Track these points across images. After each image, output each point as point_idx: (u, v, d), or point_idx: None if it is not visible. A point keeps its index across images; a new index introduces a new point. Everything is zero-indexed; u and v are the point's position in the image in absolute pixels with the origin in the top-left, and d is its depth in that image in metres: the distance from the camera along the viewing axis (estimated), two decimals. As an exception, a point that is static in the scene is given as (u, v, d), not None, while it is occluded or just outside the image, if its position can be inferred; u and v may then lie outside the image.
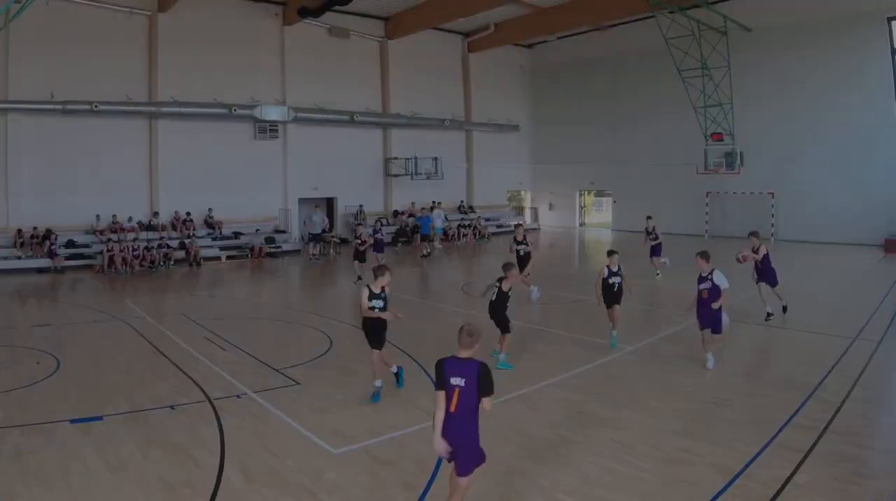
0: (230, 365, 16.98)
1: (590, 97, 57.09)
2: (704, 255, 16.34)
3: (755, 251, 21.62)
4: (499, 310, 16.70)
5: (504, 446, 11.62)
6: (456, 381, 8.75)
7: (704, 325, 16.16)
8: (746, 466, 10.74)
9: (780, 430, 12.26)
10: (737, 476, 10.38)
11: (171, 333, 20.76)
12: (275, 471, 10.82)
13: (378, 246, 32.57)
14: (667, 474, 10.55)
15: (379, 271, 14.61)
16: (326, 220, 43.06)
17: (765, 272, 22.23)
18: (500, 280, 16.76)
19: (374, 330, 14.55)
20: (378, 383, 14.35)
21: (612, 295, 18.32)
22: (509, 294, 16.69)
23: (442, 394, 8.78)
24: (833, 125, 43.41)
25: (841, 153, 43.35)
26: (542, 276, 32.18)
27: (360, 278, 29.91)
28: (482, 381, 8.63)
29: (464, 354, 8.94)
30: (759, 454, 11.20)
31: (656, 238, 32.04)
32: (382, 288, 14.42)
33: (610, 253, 18.59)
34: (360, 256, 30.80)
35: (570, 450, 11.51)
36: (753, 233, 22.66)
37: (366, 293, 14.21)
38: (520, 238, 26.17)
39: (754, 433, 12.09)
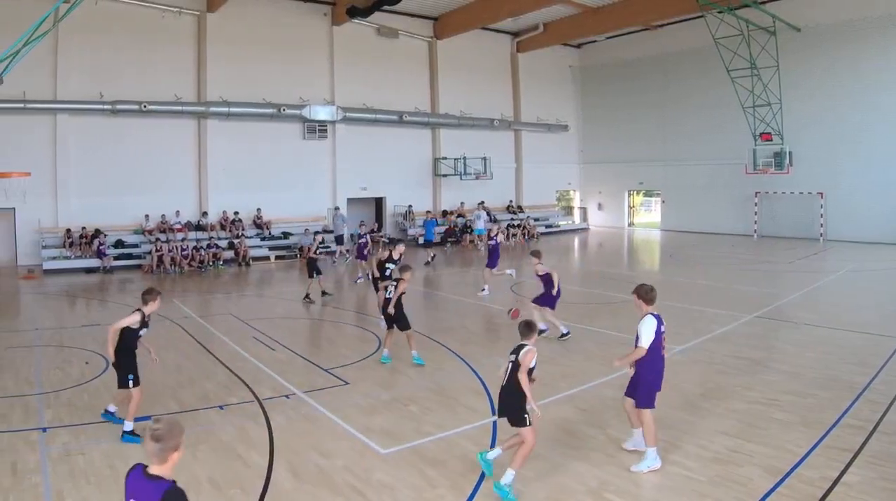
0: (279, 365, 17.08)
1: (639, 97, 56.87)
2: (638, 292, 12.25)
3: (537, 274, 20.84)
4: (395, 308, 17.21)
5: (553, 446, 11.64)
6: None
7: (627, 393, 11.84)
8: (795, 466, 10.69)
9: (829, 430, 12.18)
10: (786, 476, 10.34)
11: (220, 333, 20.92)
12: (323, 471, 10.83)
13: (360, 252, 32.13)
14: (715, 474, 10.49)
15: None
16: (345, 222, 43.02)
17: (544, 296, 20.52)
18: (397, 281, 17.71)
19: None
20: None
21: None
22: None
23: None
24: (883, 124, 42.95)
25: (891, 152, 42.88)
26: (592, 276, 32.19)
27: (308, 296, 26.84)
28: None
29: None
30: (808, 454, 11.14)
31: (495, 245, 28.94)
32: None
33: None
34: (312, 267, 27.35)
35: (619, 450, 11.47)
36: (534, 254, 21.54)
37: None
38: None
39: (803, 433, 12.05)
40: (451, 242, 47.46)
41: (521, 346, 10.81)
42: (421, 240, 43.13)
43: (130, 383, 12.32)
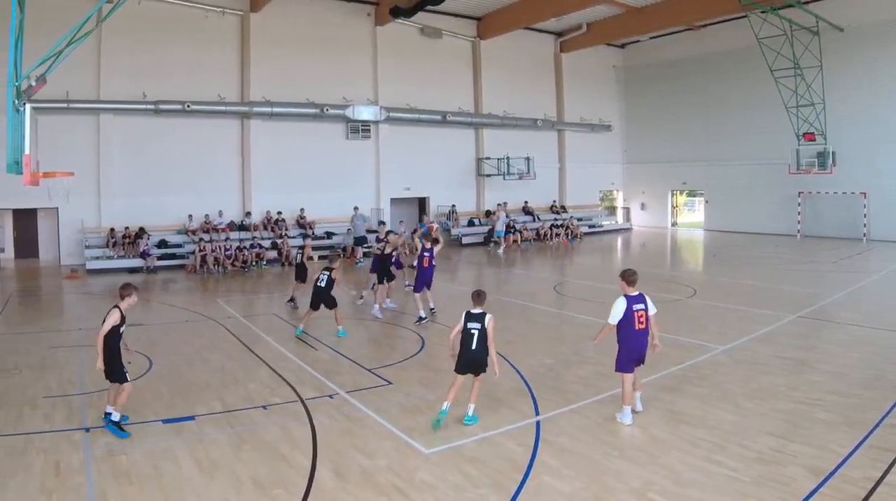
0: (322, 365, 17.11)
1: (682, 96, 56.64)
2: (623, 276, 14.09)
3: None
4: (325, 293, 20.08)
5: (596, 446, 11.62)
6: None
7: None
8: (839, 466, 10.60)
9: (872, 430, 12.08)
10: (829, 476, 10.26)
11: (263, 333, 20.99)
12: (366, 471, 10.82)
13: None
14: (759, 474, 10.41)
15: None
16: (367, 223, 42.76)
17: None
18: (329, 269, 19.76)
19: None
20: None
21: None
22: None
23: None
24: (927, 124, 42.60)
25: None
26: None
27: (292, 299, 25.74)
28: None
29: None
30: (851, 454, 11.05)
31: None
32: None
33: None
34: (300, 274, 25.99)
35: (662, 450, 11.41)
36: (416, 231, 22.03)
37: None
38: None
39: (846, 433, 11.94)
40: (494, 242, 47.12)
41: (482, 314, 13.32)
42: (465, 241, 42.93)
43: (127, 377, 12.55)
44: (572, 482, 10.21)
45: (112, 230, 36.87)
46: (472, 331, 13.10)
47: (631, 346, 13.29)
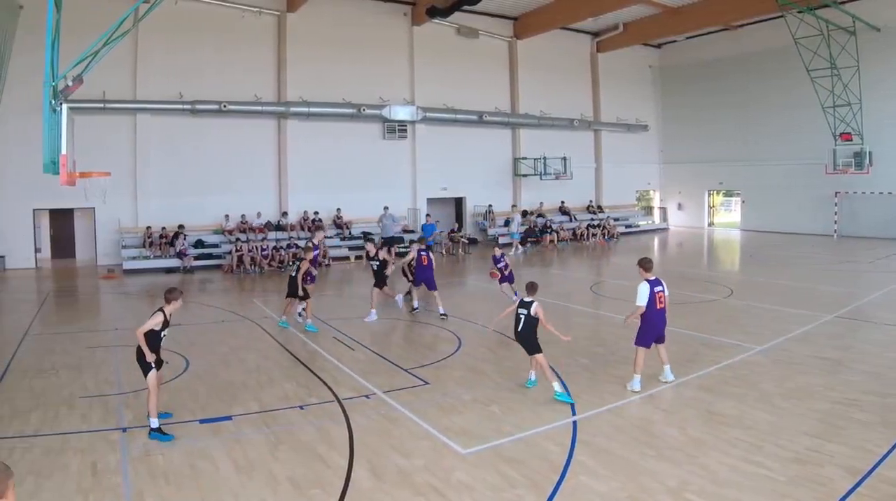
0: (359, 365, 17.12)
1: (719, 97, 56.35)
2: (641, 263, 15.80)
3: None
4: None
5: (633, 446, 11.58)
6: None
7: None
8: (875, 466, 10.53)
9: (909, 431, 11.97)
10: (866, 476, 10.18)
11: (300, 333, 21.04)
12: (403, 471, 10.80)
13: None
14: (795, 474, 10.34)
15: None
16: (399, 223, 42.80)
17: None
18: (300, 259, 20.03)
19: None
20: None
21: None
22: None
23: None
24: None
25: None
26: (672, 276, 32.03)
27: (302, 312, 22.93)
28: None
29: None
30: (888, 454, 10.97)
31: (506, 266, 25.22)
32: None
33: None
34: (293, 288, 22.38)
35: (699, 450, 11.34)
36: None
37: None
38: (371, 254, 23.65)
39: (883, 433, 11.85)
40: (531, 242, 47.12)
41: (531, 302, 14.86)
42: (502, 241, 42.83)
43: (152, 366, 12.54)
44: (609, 482, 10.17)
45: (148, 230, 37.07)
46: (521, 316, 14.78)
47: (653, 323, 14.96)
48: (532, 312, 14.62)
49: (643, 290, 14.99)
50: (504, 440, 12.04)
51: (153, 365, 12.46)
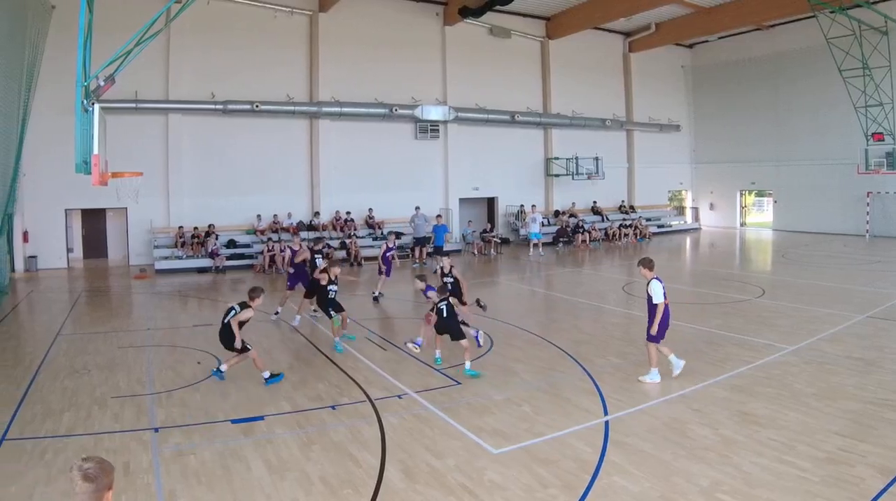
0: (391, 365, 17.14)
1: (751, 96, 56.24)
2: (645, 263, 16.17)
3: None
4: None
5: (664, 446, 11.56)
6: None
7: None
8: (908, 466, 10.43)
9: (942, 431, 11.89)
10: (898, 477, 10.11)
11: (332, 333, 20.91)
12: (435, 471, 10.80)
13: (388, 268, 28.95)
14: (827, 474, 10.31)
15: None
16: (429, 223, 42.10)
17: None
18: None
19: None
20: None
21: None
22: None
23: None
24: None
25: None
26: (704, 276, 32.01)
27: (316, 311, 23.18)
28: None
29: None
30: (921, 454, 10.85)
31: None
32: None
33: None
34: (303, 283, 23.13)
35: (731, 450, 11.30)
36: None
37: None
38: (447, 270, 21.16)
39: (916, 433, 11.76)
40: (563, 242, 47.09)
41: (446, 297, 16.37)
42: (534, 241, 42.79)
43: (248, 346, 15.55)
44: (641, 482, 10.15)
45: (180, 230, 37.24)
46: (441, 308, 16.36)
47: (666, 318, 15.42)
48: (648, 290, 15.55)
49: (659, 287, 15.36)
50: (536, 440, 12.02)
51: (248, 347, 15.53)
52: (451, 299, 16.56)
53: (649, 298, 15.43)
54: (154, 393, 14.97)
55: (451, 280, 19.62)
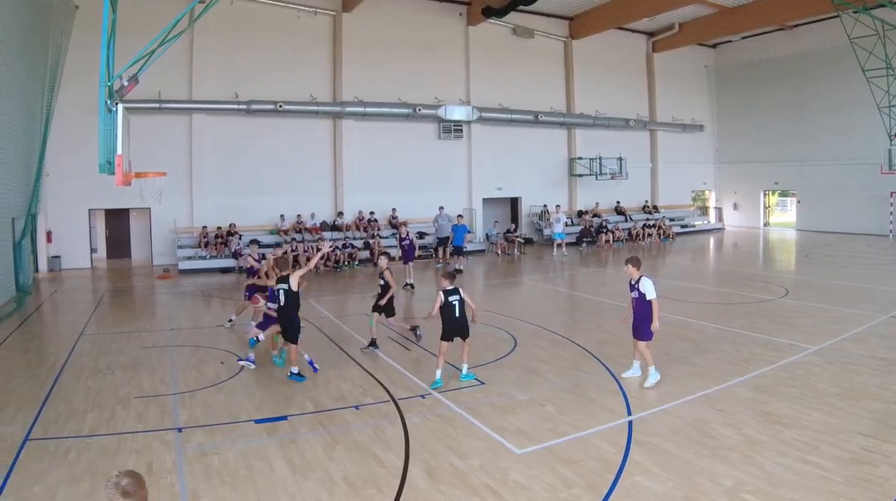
0: (414, 365, 17.13)
1: (774, 96, 56.12)
2: (634, 262, 15.87)
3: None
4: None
5: (688, 446, 11.53)
6: None
7: (634, 335, 15.60)
8: (932, 466, 10.40)
9: (967, 430, 11.85)
10: (922, 477, 10.07)
11: (356, 333, 21.08)
12: (459, 471, 10.79)
13: (409, 254, 31.32)
14: (851, 474, 10.27)
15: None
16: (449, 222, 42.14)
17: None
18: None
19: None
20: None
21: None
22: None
23: None
24: None
25: None
26: (727, 276, 31.94)
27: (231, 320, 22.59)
28: None
29: None
30: (944, 454, 10.82)
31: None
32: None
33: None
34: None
35: (755, 450, 11.27)
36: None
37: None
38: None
39: (941, 433, 11.72)
40: (587, 242, 47.05)
41: (456, 289, 15.68)
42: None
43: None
44: (664, 482, 10.14)
45: (204, 229, 37.39)
46: (453, 303, 15.55)
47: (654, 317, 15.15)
48: (464, 296, 15.66)
49: (652, 285, 15.33)
50: (559, 440, 12.00)
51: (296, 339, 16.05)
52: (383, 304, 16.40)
53: (641, 296, 15.27)
54: (177, 393, 15.02)
55: (382, 282, 19.17)
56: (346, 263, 37.50)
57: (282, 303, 16.12)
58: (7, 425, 12.96)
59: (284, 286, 16.12)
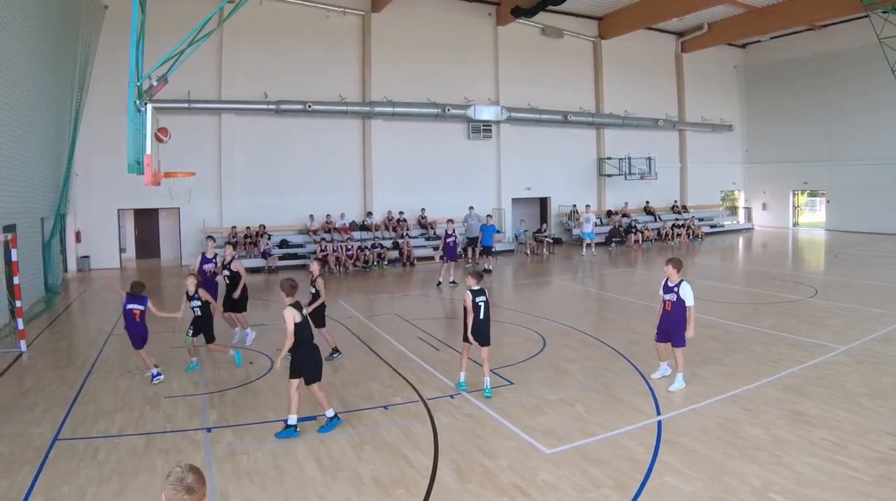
0: (443, 365, 17.09)
1: (803, 96, 55.91)
2: (675, 264, 15.47)
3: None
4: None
5: (717, 446, 11.53)
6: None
7: (661, 338, 15.44)
8: (960, 466, 10.35)
9: None
10: (951, 476, 10.01)
11: (384, 333, 21.15)
12: (488, 471, 10.79)
13: (450, 253, 31.65)
14: (880, 473, 10.24)
15: None
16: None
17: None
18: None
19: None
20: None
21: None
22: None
23: None
24: None
25: None
26: (756, 276, 31.83)
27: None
28: None
29: None
30: (973, 453, 10.76)
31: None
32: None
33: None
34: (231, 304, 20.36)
35: (784, 450, 11.25)
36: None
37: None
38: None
39: (969, 433, 11.66)
40: (616, 242, 47.01)
41: (483, 290, 14.96)
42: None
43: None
44: (693, 482, 10.14)
45: (233, 229, 37.48)
46: (480, 304, 14.83)
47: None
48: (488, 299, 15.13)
49: (690, 289, 15.10)
50: (589, 440, 12.00)
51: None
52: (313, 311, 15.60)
53: (680, 301, 14.96)
54: (206, 393, 15.14)
55: (313, 291, 18.58)
56: (375, 263, 37.55)
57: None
58: (36, 425, 13.08)
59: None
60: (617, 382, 15.28)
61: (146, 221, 41.60)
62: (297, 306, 13.20)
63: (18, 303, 19.82)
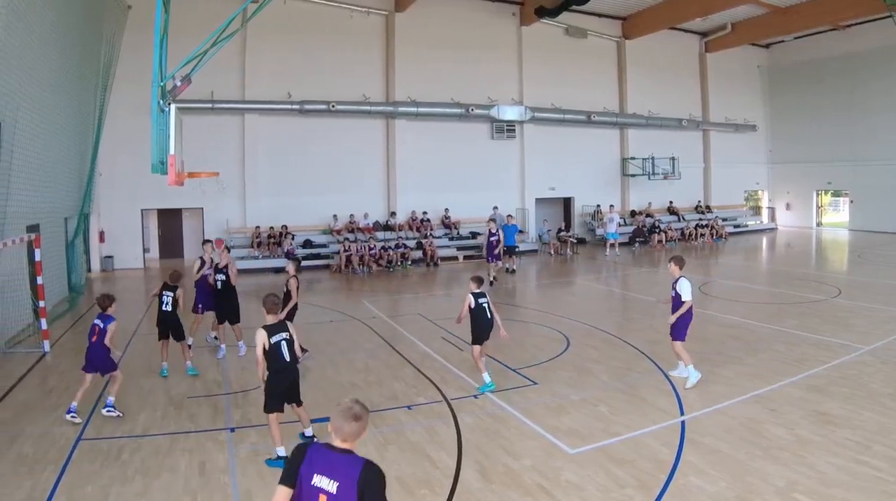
0: (467, 365, 17.00)
1: (827, 96, 55.64)
2: (677, 261, 15.97)
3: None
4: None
5: (740, 446, 11.53)
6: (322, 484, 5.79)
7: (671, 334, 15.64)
8: None
9: None
10: (974, 476, 9.97)
11: (408, 333, 21.18)
12: (512, 471, 10.80)
13: (491, 251, 31.79)
14: (904, 473, 10.17)
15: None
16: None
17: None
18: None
19: None
20: None
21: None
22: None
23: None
24: None
25: None
26: (780, 276, 31.71)
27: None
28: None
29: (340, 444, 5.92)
30: None
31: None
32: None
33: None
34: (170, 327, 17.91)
35: (807, 450, 11.25)
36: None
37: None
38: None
39: None
40: (640, 242, 46.94)
41: (483, 293, 15.53)
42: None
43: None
44: (717, 482, 10.15)
45: (257, 229, 37.61)
46: (483, 305, 15.45)
47: (691, 317, 15.44)
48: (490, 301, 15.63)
49: (688, 285, 15.44)
50: (612, 440, 12.02)
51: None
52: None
53: (677, 295, 15.35)
54: (230, 393, 15.23)
55: (285, 291, 18.51)
56: (399, 263, 37.52)
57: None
58: (60, 425, 13.14)
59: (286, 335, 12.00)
60: (640, 382, 15.28)
61: (170, 221, 41.74)
62: (279, 327, 11.94)
63: (42, 303, 19.90)
